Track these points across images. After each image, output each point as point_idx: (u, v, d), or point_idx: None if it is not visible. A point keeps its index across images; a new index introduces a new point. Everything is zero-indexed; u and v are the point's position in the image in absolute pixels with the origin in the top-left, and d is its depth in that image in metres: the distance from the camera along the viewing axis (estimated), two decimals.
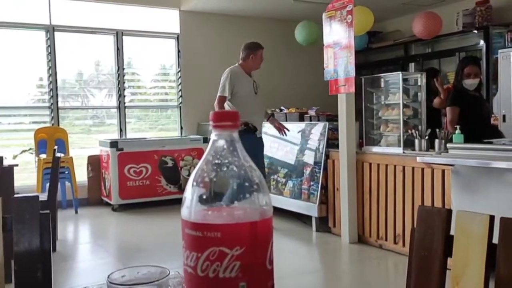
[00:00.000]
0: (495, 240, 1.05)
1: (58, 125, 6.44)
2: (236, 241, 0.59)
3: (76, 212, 5.98)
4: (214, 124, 0.63)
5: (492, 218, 1.08)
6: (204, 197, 0.61)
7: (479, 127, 4.09)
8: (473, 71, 4.13)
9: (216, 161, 0.62)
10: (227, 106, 4.66)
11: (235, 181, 0.62)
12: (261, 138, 4.84)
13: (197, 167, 0.64)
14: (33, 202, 1.69)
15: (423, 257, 1.21)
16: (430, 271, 1.19)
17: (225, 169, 0.62)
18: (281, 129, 4.98)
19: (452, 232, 1.15)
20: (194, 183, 0.62)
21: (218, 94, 4.66)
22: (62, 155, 5.01)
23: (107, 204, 6.31)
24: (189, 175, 6.41)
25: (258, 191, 0.62)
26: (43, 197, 4.22)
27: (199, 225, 0.60)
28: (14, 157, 5.84)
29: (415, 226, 1.24)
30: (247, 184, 0.62)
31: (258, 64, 4.77)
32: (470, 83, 4.12)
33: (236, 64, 4.76)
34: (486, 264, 1.06)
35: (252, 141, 4.58)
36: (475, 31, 6.25)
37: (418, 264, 1.22)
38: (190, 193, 0.62)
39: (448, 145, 3.59)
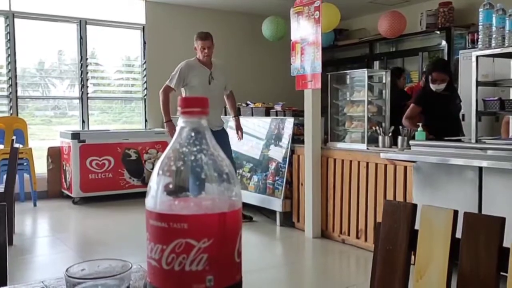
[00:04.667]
0: (459, 234, 1.06)
1: (17, 115, 6.23)
2: (203, 233, 0.57)
3: (35, 205, 5.80)
4: (182, 110, 0.60)
5: (456, 213, 1.09)
6: (171, 186, 0.58)
7: (443, 125, 4.16)
8: (439, 77, 4.19)
9: (184, 149, 0.60)
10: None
11: (203, 170, 0.59)
12: (219, 132, 4.66)
13: (163, 154, 0.60)
14: None
15: (387, 250, 1.22)
16: (394, 264, 1.20)
17: (193, 157, 0.59)
18: (237, 131, 4.93)
19: (417, 227, 1.16)
20: (160, 172, 0.59)
21: (166, 82, 4.62)
22: (21, 146, 4.84)
23: (68, 197, 6.15)
24: (153, 168, 6.30)
25: (228, 181, 0.60)
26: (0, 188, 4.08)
27: (165, 216, 0.57)
28: None
29: (380, 220, 1.24)
30: (215, 173, 0.59)
31: (201, 55, 4.60)
32: (435, 88, 4.19)
33: (194, 57, 4.70)
34: (449, 258, 1.08)
35: None
36: (438, 32, 6.39)
37: (382, 258, 1.23)
38: (156, 182, 0.59)
39: (411, 142, 3.66)
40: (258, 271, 3.67)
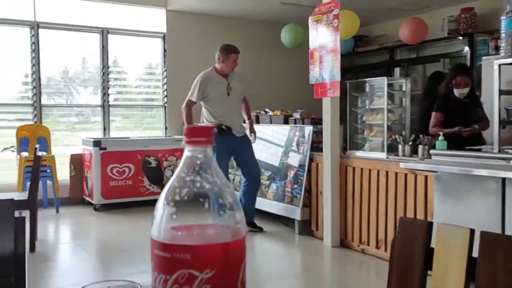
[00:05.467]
0: (475, 253, 1.04)
1: (41, 123, 6.35)
2: (206, 264, 0.56)
3: (57, 211, 5.89)
4: (188, 140, 0.60)
5: (472, 231, 1.07)
6: (174, 216, 0.59)
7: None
8: (463, 81, 4.15)
9: (188, 178, 0.60)
10: (203, 108, 4.78)
11: (207, 200, 0.59)
12: (243, 138, 4.81)
13: (168, 184, 0.61)
14: (6, 205, 1.65)
15: (403, 268, 1.20)
16: (410, 282, 1.18)
17: (198, 186, 0.60)
18: (251, 133, 4.95)
19: (432, 245, 1.15)
20: (165, 201, 0.60)
21: (188, 97, 4.72)
22: (44, 153, 4.93)
23: (89, 204, 6.23)
24: (172, 175, 6.35)
25: (231, 210, 0.60)
26: (24, 196, 4.16)
27: (168, 245, 0.57)
28: None
29: (396, 237, 1.23)
30: (219, 203, 0.59)
31: (230, 68, 4.69)
32: (459, 92, 4.14)
33: (211, 68, 4.75)
34: (466, 277, 1.06)
35: (229, 142, 4.59)
36: (460, 38, 6.30)
37: (398, 275, 1.22)
38: (160, 212, 0.59)
39: (432, 151, 3.60)
40: (276, 280, 3.65)
